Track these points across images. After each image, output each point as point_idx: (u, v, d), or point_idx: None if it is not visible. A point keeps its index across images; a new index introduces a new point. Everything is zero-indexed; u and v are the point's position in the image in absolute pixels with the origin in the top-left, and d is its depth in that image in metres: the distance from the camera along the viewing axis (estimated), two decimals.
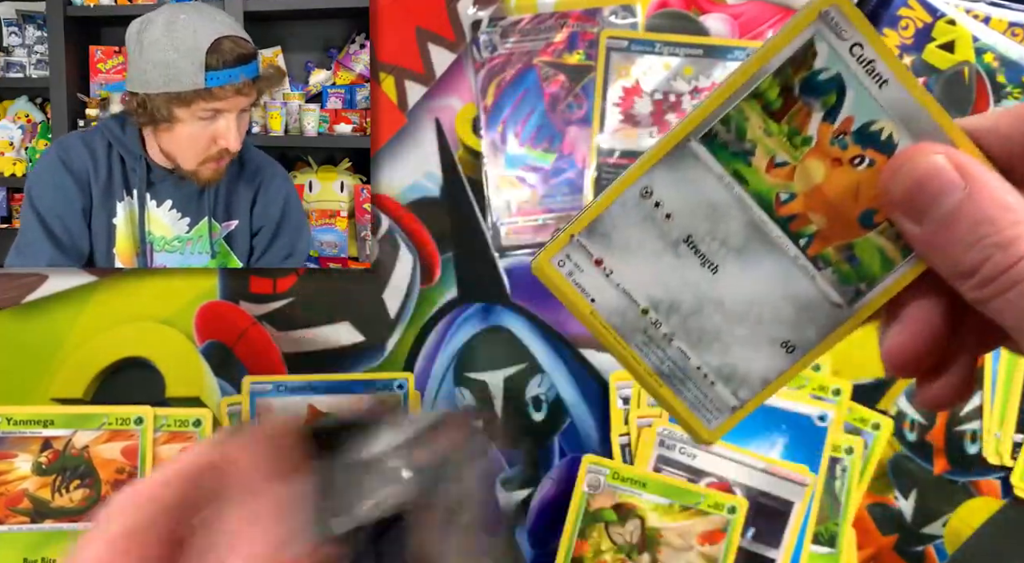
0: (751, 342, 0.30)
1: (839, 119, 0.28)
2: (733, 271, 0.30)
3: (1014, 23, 0.64)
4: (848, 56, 0.28)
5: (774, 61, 0.28)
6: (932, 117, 0.28)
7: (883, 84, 0.28)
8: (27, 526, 0.64)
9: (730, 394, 0.31)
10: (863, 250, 0.29)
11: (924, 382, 0.30)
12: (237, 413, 0.65)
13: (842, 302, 0.30)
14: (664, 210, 0.30)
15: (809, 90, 0.28)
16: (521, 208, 0.67)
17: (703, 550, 0.63)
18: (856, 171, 0.29)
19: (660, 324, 0.31)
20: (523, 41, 0.67)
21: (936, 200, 0.26)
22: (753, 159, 0.29)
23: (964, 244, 0.26)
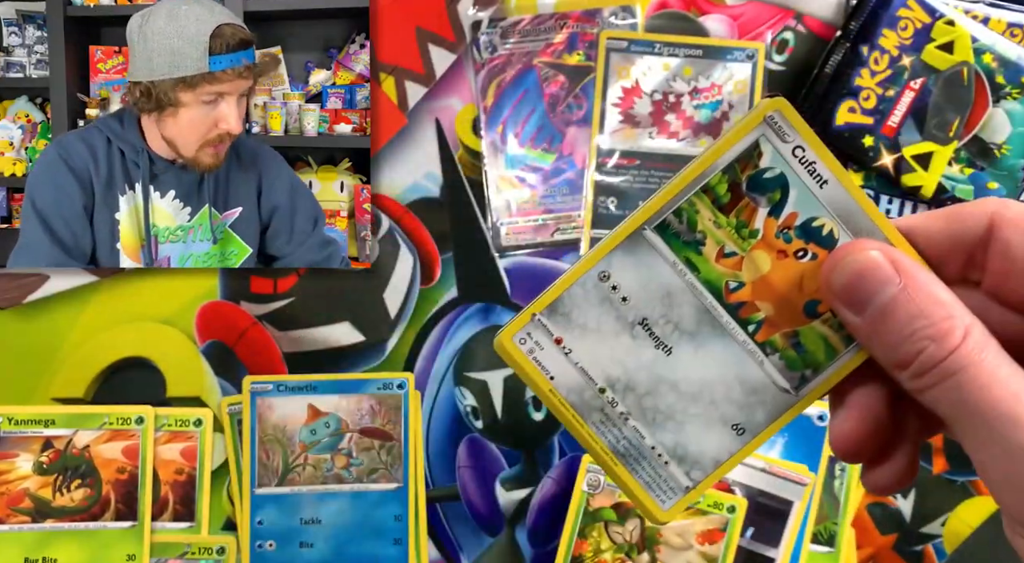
0: (704, 422, 0.32)
1: (783, 214, 0.30)
2: (686, 353, 0.31)
3: (1013, 24, 0.64)
4: (791, 157, 0.30)
5: (723, 159, 0.30)
6: (869, 216, 0.30)
7: (823, 184, 0.30)
8: (28, 525, 0.64)
9: (683, 474, 0.32)
10: (808, 338, 0.31)
11: (869, 467, 0.31)
12: (237, 413, 0.65)
13: (789, 387, 0.31)
14: (621, 293, 0.31)
15: (755, 187, 0.30)
16: (521, 208, 0.67)
17: (702, 549, 0.63)
18: (800, 263, 0.30)
19: (616, 403, 0.32)
20: (523, 42, 0.67)
21: (873, 293, 0.28)
22: (704, 248, 0.31)
23: (900, 336, 0.27)
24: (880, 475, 0.31)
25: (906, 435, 0.31)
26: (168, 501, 0.65)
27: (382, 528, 0.65)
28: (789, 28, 0.68)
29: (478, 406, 0.67)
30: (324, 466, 0.64)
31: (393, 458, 0.65)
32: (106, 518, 0.64)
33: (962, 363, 0.26)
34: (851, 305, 0.29)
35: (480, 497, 0.67)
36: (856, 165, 0.65)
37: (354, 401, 0.65)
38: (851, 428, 0.30)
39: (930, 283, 0.28)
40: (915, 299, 0.27)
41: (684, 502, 0.32)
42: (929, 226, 0.30)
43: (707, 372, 0.31)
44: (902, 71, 0.63)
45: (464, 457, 0.67)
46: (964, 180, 0.63)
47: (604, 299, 0.31)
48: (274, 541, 0.64)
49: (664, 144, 0.66)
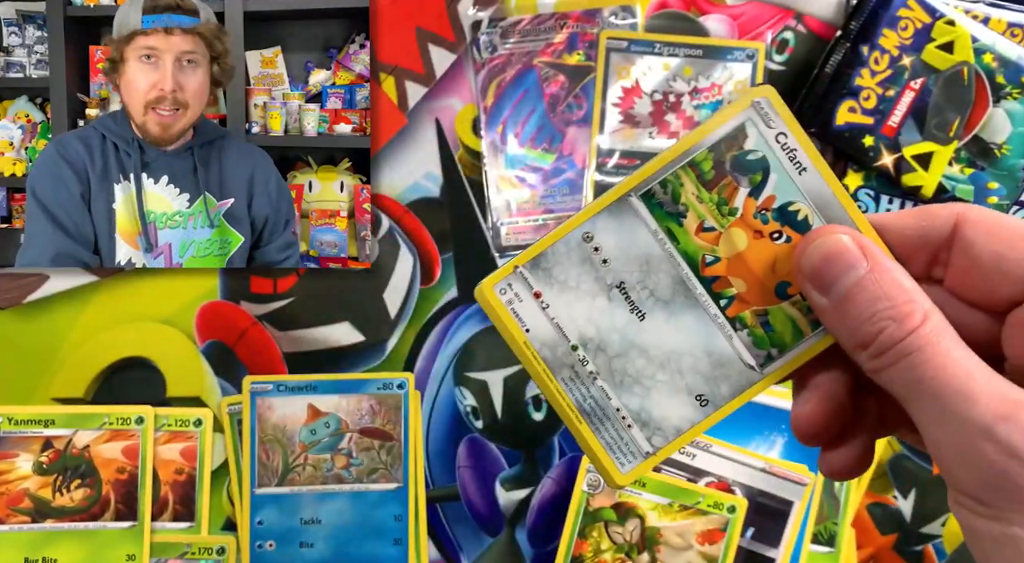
0: (669, 390, 0.33)
1: (762, 196, 0.32)
2: (659, 320, 0.32)
3: (1013, 23, 0.64)
4: (774, 143, 0.31)
5: (710, 137, 0.32)
6: (843, 206, 0.31)
7: (802, 171, 0.31)
8: (28, 525, 0.64)
9: (644, 439, 0.33)
10: (776, 318, 0.32)
11: (826, 451, 0.33)
12: (237, 413, 0.65)
13: (754, 364, 0.32)
14: (602, 255, 0.32)
15: (738, 167, 0.32)
16: (521, 208, 0.67)
17: (702, 549, 0.63)
18: (775, 245, 0.32)
19: (587, 362, 0.33)
20: (523, 42, 0.67)
21: (840, 274, 0.29)
22: (685, 220, 0.32)
23: (863, 316, 0.29)
24: (835, 459, 0.32)
25: (864, 425, 0.32)
26: (168, 501, 0.65)
27: (382, 528, 0.65)
28: (789, 28, 0.68)
29: (478, 406, 0.67)
30: (324, 466, 0.64)
31: (393, 458, 0.65)
32: (106, 518, 0.64)
33: (919, 343, 0.27)
34: (819, 286, 0.30)
35: (480, 497, 0.67)
36: (856, 165, 0.65)
37: (354, 401, 0.65)
38: (811, 410, 0.31)
39: (894, 269, 0.29)
40: (879, 282, 0.29)
41: (643, 467, 0.33)
42: (899, 222, 0.31)
43: (677, 341, 0.32)
44: (902, 71, 0.63)
45: (464, 457, 0.67)
46: (964, 180, 0.63)
47: (585, 259, 0.32)
48: (274, 541, 0.64)
49: (664, 144, 0.66)
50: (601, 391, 0.33)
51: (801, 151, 0.31)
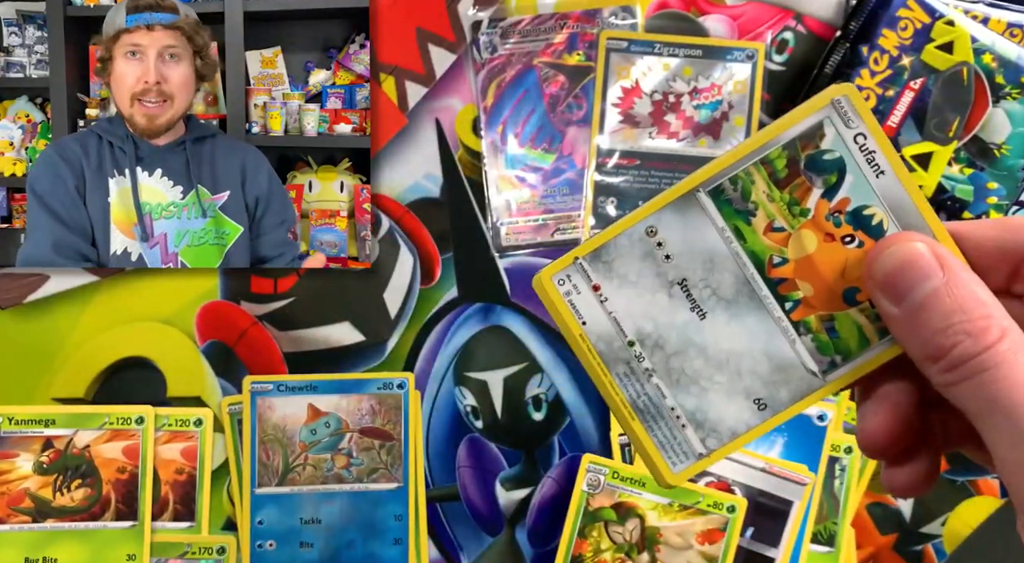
0: (727, 392, 0.32)
1: (836, 198, 0.30)
2: (720, 320, 0.31)
3: (1012, 24, 0.64)
4: (852, 143, 0.30)
5: (786, 134, 0.30)
6: (920, 212, 0.30)
7: (880, 174, 0.30)
8: (28, 525, 0.64)
9: (698, 441, 0.32)
10: (843, 325, 0.31)
11: (891, 467, 0.32)
12: (238, 413, 0.65)
13: (817, 371, 0.31)
14: (665, 250, 0.31)
15: (813, 167, 0.30)
16: (521, 208, 0.67)
17: (702, 549, 0.63)
18: (846, 249, 0.31)
19: (643, 358, 0.32)
20: (523, 42, 0.67)
21: (915, 284, 0.28)
22: (754, 219, 0.31)
23: (936, 328, 0.27)
24: (900, 476, 0.31)
25: (929, 440, 0.31)
26: (168, 501, 0.65)
27: (382, 528, 0.65)
28: (789, 28, 0.68)
29: (478, 406, 0.67)
30: (324, 466, 0.65)
31: (393, 458, 0.65)
32: (106, 518, 0.64)
33: (996, 360, 0.26)
34: (891, 294, 0.29)
35: (480, 497, 0.67)
36: None
37: (354, 401, 0.65)
38: (879, 423, 0.30)
39: (972, 282, 0.28)
40: (955, 294, 0.27)
41: (695, 468, 0.32)
42: (979, 232, 0.30)
43: (737, 342, 0.31)
44: (902, 71, 0.63)
45: (464, 457, 0.67)
46: (964, 180, 0.63)
47: (648, 254, 0.31)
48: (274, 541, 0.64)
49: (664, 144, 0.66)
50: (656, 389, 0.32)
51: (880, 153, 0.30)
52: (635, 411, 0.32)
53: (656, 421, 0.32)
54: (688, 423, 0.32)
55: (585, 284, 0.32)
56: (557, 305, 0.32)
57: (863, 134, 0.30)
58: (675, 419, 0.32)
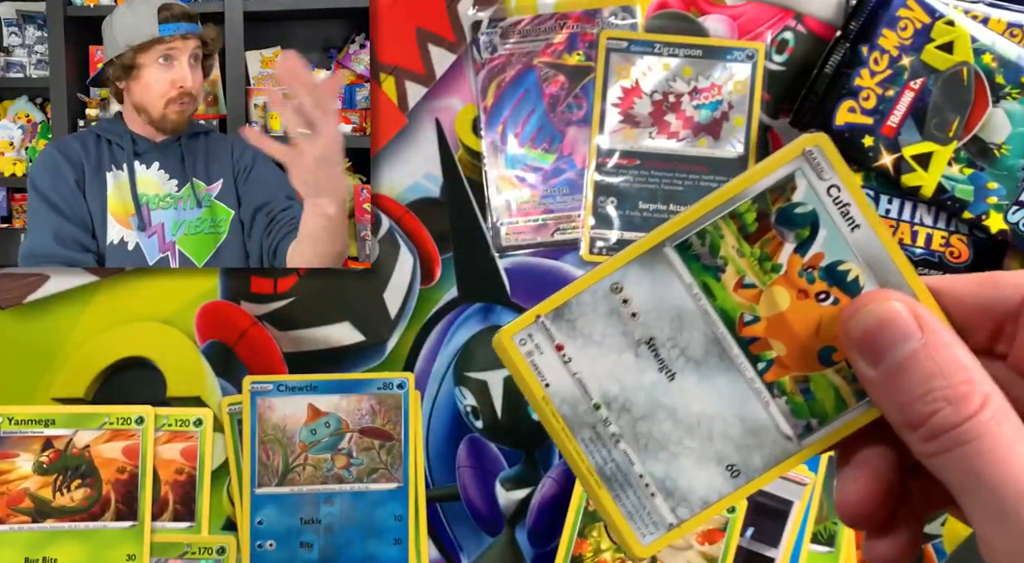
0: (698, 457, 0.30)
1: (809, 253, 0.29)
2: (689, 381, 0.30)
3: (1012, 24, 0.64)
4: (825, 196, 0.29)
5: (756, 186, 0.29)
6: (898, 267, 0.29)
7: (855, 228, 0.29)
8: (28, 525, 0.64)
9: (669, 510, 0.30)
10: (818, 386, 0.29)
11: (872, 538, 0.30)
12: (237, 413, 0.65)
13: (792, 435, 0.30)
14: (631, 308, 0.30)
15: (785, 220, 0.29)
16: (521, 208, 0.67)
17: (702, 549, 0.63)
18: (820, 306, 0.29)
19: (610, 422, 0.30)
20: (523, 42, 0.67)
21: (892, 346, 0.27)
22: (723, 276, 0.30)
23: (915, 394, 0.26)
24: (884, 548, 0.30)
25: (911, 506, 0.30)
26: (168, 501, 0.65)
27: (382, 528, 0.65)
28: (789, 28, 0.68)
29: (478, 406, 0.67)
30: (324, 466, 0.65)
31: (393, 458, 0.65)
32: (106, 518, 0.64)
33: (978, 432, 0.25)
34: (867, 356, 0.27)
35: (480, 497, 0.67)
36: (856, 165, 0.65)
37: (354, 401, 0.65)
38: (860, 491, 0.29)
39: (952, 344, 0.26)
40: (935, 357, 0.26)
41: (665, 540, 0.31)
42: (960, 289, 0.28)
43: (708, 405, 0.30)
44: (902, 71, 0.63)
45: (464, 457, 0.67)
46: (964, 180, 0.63)
47: (613, 312, 0.30)
48: (274, 541, 0.64)
49: (664, 144, 0.66)
50: (624, 455, 0.30)
51: (855, 206, 0.29)
52: (602, 479, 0.30)
53: (624, 489, 0.30)
54: (658, 491, 0.30)
55: (548, 344, 0.30)
56: (519, 366, 0.30)
57: (836, 186, 0.29)
58: (644, 487, 0.30)
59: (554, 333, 0.30)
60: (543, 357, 0.31)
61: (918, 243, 0.65)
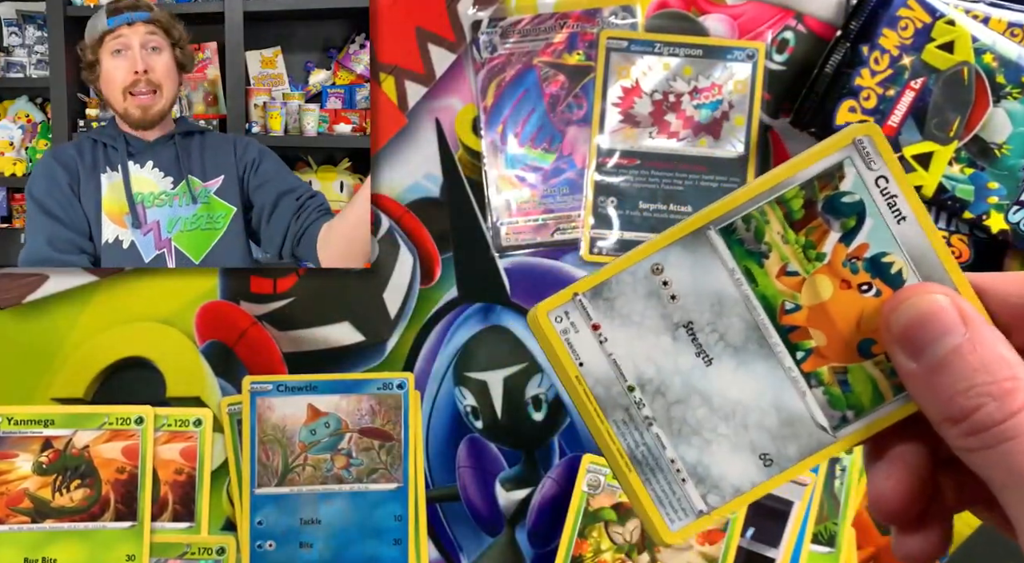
0: (731, 445, 0.30)
1: (854, 243, 0.29)
2: (727, 368, 0.30)
3: (1013, 23, 0.64)
4: (873, 186, 0.29)
5: (804, 173, 0.29)
6: (942, 262, 0.28)
7: (901, 220, 0.29)
8: (27, 526, 0.64)
9: (699, 497, 0.30)
10: (856, 378, 0.29)
11: (902, 534, 0.30)
12: (237, 413, 0.65)
13: (827, 426, 0.30)
14: (671, 290, 0.30)
15: (831, 209, 0.29)
16: (521, 208, 0.67)
17: (703, 549, 0.63)
18: (862, 297, 0.29)
19: (643, 405, 0.30)
20: (523, 41, 0.67)
21: (935, 340, 0.26)
22: (766, 261, 0.29)
23: (957, 389, 0.26)
24: (914, 544, 0.30)
25: (942, 503, 0.30)
26: (168, 501, 0.65)
27: (382, 528, 0.65)
28: (789, 28, 0.68)
29: (478, 406, 0.67)
30: (324, 466, 0.64)
31: (393, 458, 0.65)
32: (106, 518, 0.64)
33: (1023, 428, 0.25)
34: (908, 349, 0.27)
35: (480, 497, 0.67)
36: None
37: (354, 401, 0.65)
38: (894, 486, 0.29)
39: (996, 340, 0.26)
40: (979, 352, 0.26)
41: (694, 527, 0.30)
42: (1004, 287, 0.28)
43: (744, 392, 0.30)
44: (902, 71, 0.63)
45: (464, 457, 0.67)
46: (964, 180, 0.63)
47: (652, 293, 0.30)
48: (274, 541, 0.64)
49: (664, 144, 0.66)
50: (656, 439, 0.30)
51: (903, 198, 0.28)
52: (632, 462, 0.30)
53: (654, 474, 0.30)
54: (689, 477, 0.30)
55: (584, 322, 0.30)
56: (553, 343, 0.30)
57: (885, 177, 0.29)
58: (675, 473, 0.30)
59: (591, 312, 0.30)
60: (578, 336, 0.30)
61: None
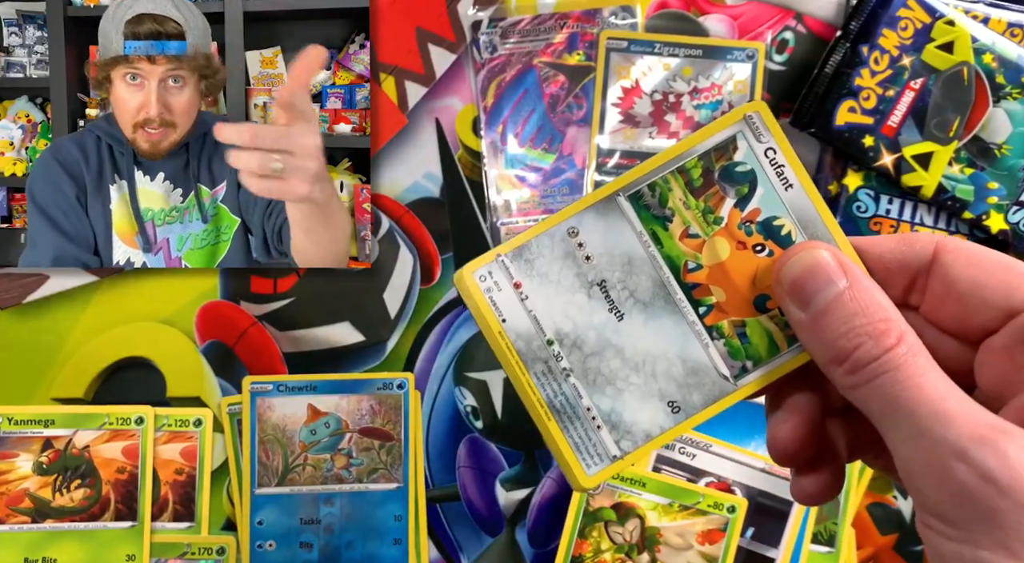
0: (642, 393, 0.32)
1: (748, 208, 0.32)
2: (637, 322, 0.32)
3: (1013, 23, 0.64)
4: (763, 157, 0.32)
5: (701, 145, 0.32)
6: (826, 225, 0.32)
7: (788, 187, 0.32)
8: (28, 526, 0.64)
9: (613, 443, 0.32)
10: (753, 331, 0.32)
11: (798, 475, 0.33)
12: (237, 413, 0.65)
13: (728, 375, 0.32)
14: (585, 251, 0.32)
15: (726, 177, 0.32)
16: (521, 208, 0.67)
17: (702, 550, 0.63)
18: (756, 257, 0.32)
19: (561, 358, 0.32)
20: (523, 42, 0.67)
21: (820, 289, 0.30)
22: (670, 225, 0.32)
23: (839, 332, 0.29)
24: (808, 484, 0.33)
25: (833, 449, 0.33)
26: (168, 501, 0.65)
27: (382, 528, 0.65)
28: (789, 28, 0.68)
29: (478, 406, 0.67)
30: (324, 466, 0.64)
31: (393, 458, 0.65)
32: (106, 518, 0.64)
33: (896, 363, 0.28)
34: (797, 299, 0.30)
35: (480, 497, 0.67)
36: (856, 165, 0.65)
37: (354, 401, 0.65)
38: (789, 431, 0.32)
39: (872, 288, 0.29)
40: (857, 299, 0.29)
41: (609, 471, 0.33)
42: (880, 246, 0.31)
43: (653, 344, 0.32)
44: (902, 71, 0.63)
45: (464, 457, 0.67)
46: (964, 180, 0.63)
47: (569, 254, 0.32)
48: (274, 541, 0.64)
49: (664, 144, 0.66)
50: (573, 389, 0.32)
51: (789, 168, 0.32)
52: (551, 411, 0.32)
53: (572, 422, 0.32)
54: (603, 424, 0.32)
55: (506, 281, 0.33)
56: (477, 301, 0.32)
57: (773, 149, 0.32)
58: (591, 420, 0.32)
59: (513, 272, 0.33)
60: (501, 294, 0.33)
61: None
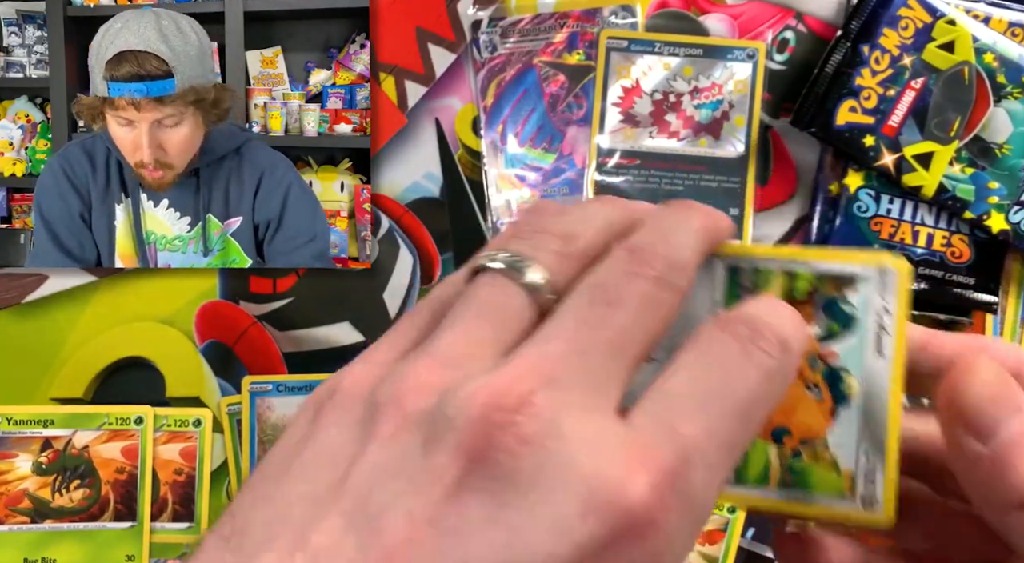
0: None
1: (827, 347, 0.29)
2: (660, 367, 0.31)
3: (1014, 23, 0.64)
4: (874, 314, 0.29)
5: (826, 266, 0.29)
6: (888, 410, 0.29)
7: (879, 356, 0.29)
8: (27, 526, 0.64)
9: None
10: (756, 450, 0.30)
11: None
12: (237, 413, 0.65)
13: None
14: None
15: (827, 308, 0.29)
16: (521, 208, 0.67)
17: (703, 550, 0.63)
18: (804, 392, 0.30)
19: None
20: (523, 41, 0.67)
21: (1008, 417, 0.25)
22: None
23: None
24: None
25: None
26: (167, 501, 0.65)
27: None
28: (790, 27, 0.68)
29: None
30: None
31: None
32: (105, 518, 0.64)
33: None
34: (979, 430, 0.25)
35: None
36: (856, 165, 0.64)
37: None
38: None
39: None
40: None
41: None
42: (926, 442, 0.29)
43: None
44: (903, 71, 0.62)
45: None
46: (965, 180, 0.63)
47: None
48: None
49: (664, 144, 0.66)
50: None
51: (891, 339, 0.29)
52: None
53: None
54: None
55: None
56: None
57: (889, 313, 0.29)
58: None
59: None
60: None
61: (919, 243, 0.65)
